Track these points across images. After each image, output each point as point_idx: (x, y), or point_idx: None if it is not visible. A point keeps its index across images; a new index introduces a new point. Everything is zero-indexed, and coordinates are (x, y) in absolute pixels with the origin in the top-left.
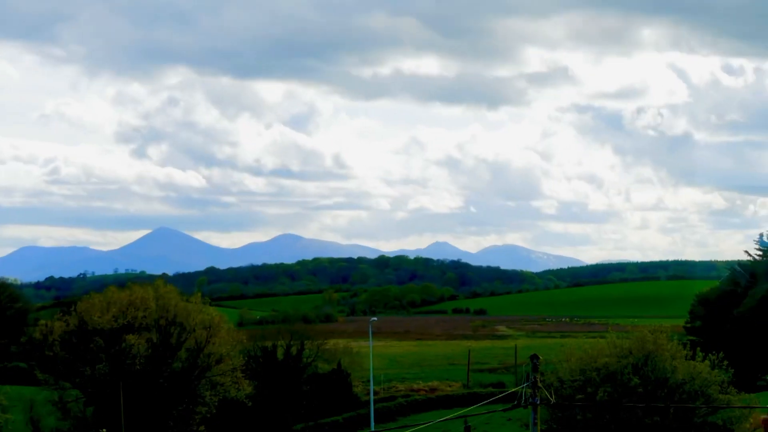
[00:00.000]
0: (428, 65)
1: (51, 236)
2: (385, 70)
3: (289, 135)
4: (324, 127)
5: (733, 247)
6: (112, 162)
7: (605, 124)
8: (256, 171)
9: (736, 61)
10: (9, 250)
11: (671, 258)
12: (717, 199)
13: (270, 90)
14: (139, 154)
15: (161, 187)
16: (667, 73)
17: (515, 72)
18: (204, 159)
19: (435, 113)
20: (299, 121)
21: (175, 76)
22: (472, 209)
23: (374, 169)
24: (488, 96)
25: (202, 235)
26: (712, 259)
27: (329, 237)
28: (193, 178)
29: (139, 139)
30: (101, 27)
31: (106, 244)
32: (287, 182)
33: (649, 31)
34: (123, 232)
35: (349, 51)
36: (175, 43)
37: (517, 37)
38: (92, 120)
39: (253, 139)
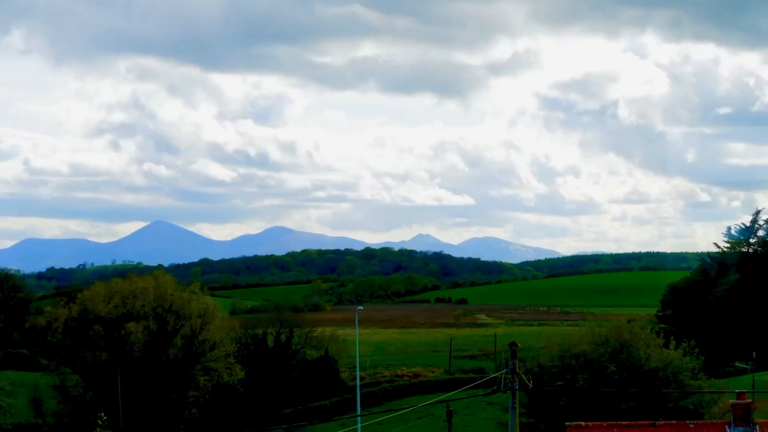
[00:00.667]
0: (394, 54)
1: (39, 228)
2: (350, 58)
3: (272, 130)
4: (301, 119)
5: (706, 239)
6: (93, 155)
7: (579, 115)
8: (245, 164)
9: (708, 49)
10: (11, 242)
11: (646, 249)
12: (691, 192)
13: (238, 82)
14: (117, 147)
15: (152, 180)
16: (639, 61)
17: (482, 60)
18: (191, 152)
19: (405, 103)
20: (272, 114)
21: (141, 67)
22: (455, 202)
23: (358, 162)
24: (457, 84)
25: (196, 228)
26: (685, 251)
27: (317, 229)
28: (181, 172)
29: (117, 132)
30: (63, 18)
31: (97, 236)
32: (276, 176)
33: (628, 16)
34: (117, 224)
35: (314, 41)
36: (142, 34)
37: (487, 24)
38: (67, 113)
39: (240, 133)
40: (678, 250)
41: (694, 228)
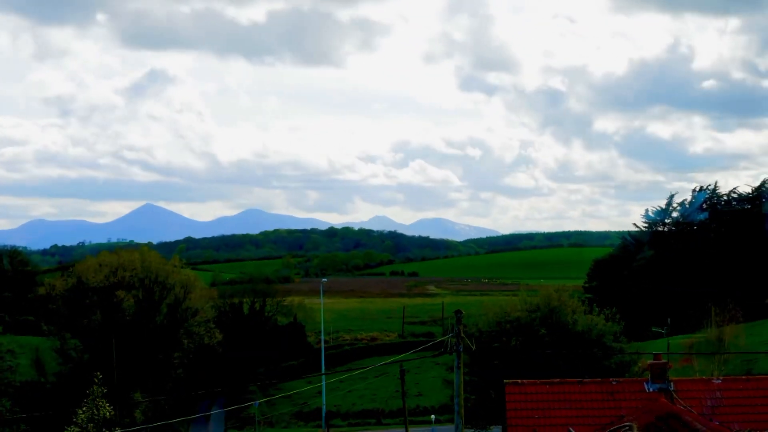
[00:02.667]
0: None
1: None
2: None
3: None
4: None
5: (632, 219)
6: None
7: (510, 92)
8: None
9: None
10: (19, 223)
11: (579, 228)
12: (624, 173)
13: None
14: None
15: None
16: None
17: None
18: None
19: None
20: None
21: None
22: (406, 185)
23: (315, 146)
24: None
25: (182, 210)
26: (610, 230)
27: (287, 211)
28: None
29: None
30: None
31: (74, 214)
32: (248, 160)
33: None
34: (108, 202)
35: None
36: None
37: None
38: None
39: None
40: (607, 229)
41: (625, 207)
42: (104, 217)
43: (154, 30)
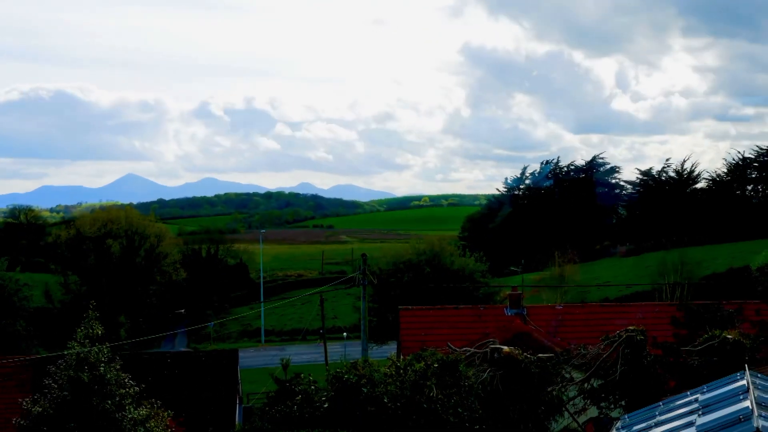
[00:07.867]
0: None
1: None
2: None
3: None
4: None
5: (500, 184)
6: None
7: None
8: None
9: None
10: (33, 187)
11: (455, 191)
12: (487, 147)
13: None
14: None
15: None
16: None
17: None
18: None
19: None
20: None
21: None
22: (330, 155)
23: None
24: None
25: (154, 178)
26: (479, 193)
27: (234, 178)
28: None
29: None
30: None
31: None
32: (218, 139)
33: None
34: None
35: None
36: None
37: None
38: None
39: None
40: (476, 192)
41: (491, 172)
42: (98, 182)
43: None
